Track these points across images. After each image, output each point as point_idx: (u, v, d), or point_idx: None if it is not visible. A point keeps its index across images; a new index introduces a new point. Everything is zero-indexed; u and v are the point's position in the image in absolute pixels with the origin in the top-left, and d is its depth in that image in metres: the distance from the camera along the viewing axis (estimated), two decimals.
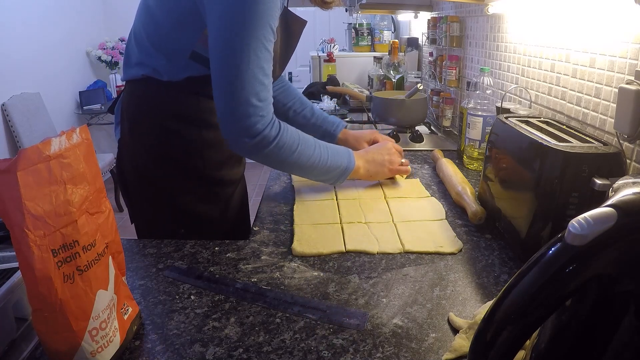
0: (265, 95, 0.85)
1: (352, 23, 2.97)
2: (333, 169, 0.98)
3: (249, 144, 0.86)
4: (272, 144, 0.87)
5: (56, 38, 3.70)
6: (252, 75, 0.82)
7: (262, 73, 0.83)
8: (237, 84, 0.82)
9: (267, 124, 0.85)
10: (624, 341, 0.38)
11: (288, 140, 0.89)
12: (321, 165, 0.95)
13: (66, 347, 0.52)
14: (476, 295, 0.70)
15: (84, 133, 0.55)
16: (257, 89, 0.83)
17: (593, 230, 0.37)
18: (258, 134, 0.85)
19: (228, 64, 0.82)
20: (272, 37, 0.84)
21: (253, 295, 0.70)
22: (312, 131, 1.24)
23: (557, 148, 0.72)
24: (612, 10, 0.89)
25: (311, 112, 1.26)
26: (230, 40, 0.81)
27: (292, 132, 0.91)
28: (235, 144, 0.87)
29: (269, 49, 0.84)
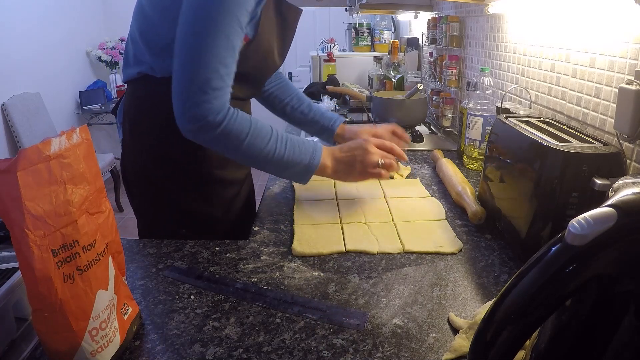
0: (219, 84, 0.83)
1: (352, 23, 2.97)
2: (292, 165, 0.90)
3: (192, 127, 0.84)
4: (215, 130, 0.84)
5: (56, 38, 3.70)
6: (205, 62, 0.81)
7: (217, 60, 0.82)
8: (191, 68, 0.82)
9: (212, 111, 0.83)
10: (624, 341, 0.38)
11: (235, 129, 0.85)
12: (276, 159, 0.89)
13: (66, 347, 0.52)
14: (476, 295, 0.70)
15: (84, 133, 0.55)
16: (210, 76, 0.82)
17: (593, 230, 0.37)
18: (202, 118, 0.83)
19: (184, 48, 0.82)
20: (238, 28, 0.83)
21: (253, 295, 0.70)
22: (309, 127, 1.24)
23: (557, 148, 0.72)
24: (612, 10, 0.89)
25: (308, 108, 1.24)
26: (191, 25, 0.82)
27: (244, 120, 0.86)
28: (181, 127, 0.86)
29: (231, 38, 0.82)
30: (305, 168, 0.92)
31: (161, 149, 0.97)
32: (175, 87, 0.84)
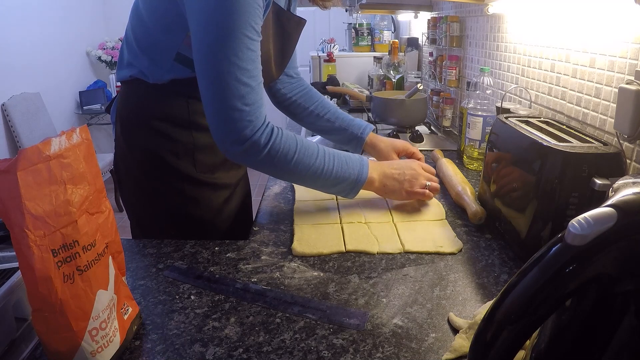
0: (253, 98, 0.81)
1: (352, 23, 2.97)
2: (341, 181, 0.90)
3: (238, 150, 0.82)
4: (264, 151, 0.82)
5: (56, 38, 3.70)
6: (234, 78, 0.79)
7: (246, 75, 0.79)
8: (220, 88, 0.79)
9: (256, 129, 0.81)
10: (624, 341, 0.38)
11: (283, 147, 0.83)
12: (325, 176, 0.88)
13: (66, 347, 0.52)
14: (476, 295, 0.70)
15: (84, 133, 0.55)
16: (242, 92, 0.79)
17: (593, 230, 0.37)
18: (247, 139, 0.81)
19: (209, 67, 0.80)
20: (256, 36, 0.81)
21: (253, 295, 0.70)
22: (337, 135, 1.19)
23: (557, 148, 0.72)
24: (612, 10, 0.89)
25: (335, 115, 1.19)
26: (209, 43, 0.79)
27: (289, 138, 0.85)
28: (226, 151, 0.84)
29: (253, 49, 0.80)
30: (354, 182, 0.92)
31: (151, 151, 0.97)
32: (209, 111, 0.82)
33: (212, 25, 0.78)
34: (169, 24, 0.87)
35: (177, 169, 0.97)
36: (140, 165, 0.98)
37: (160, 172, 0.97)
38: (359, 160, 0.93)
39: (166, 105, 0.94)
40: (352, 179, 0.91)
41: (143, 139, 0.96)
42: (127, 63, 0.96)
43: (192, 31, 0.81)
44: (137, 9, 0.94)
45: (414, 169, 0.99)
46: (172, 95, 0.93)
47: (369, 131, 1.17)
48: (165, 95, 0.94)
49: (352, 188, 0.92)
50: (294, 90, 1.22)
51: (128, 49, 0.96)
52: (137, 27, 0.93)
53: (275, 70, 1.02)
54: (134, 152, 0.98)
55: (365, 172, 0.93)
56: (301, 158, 0.85)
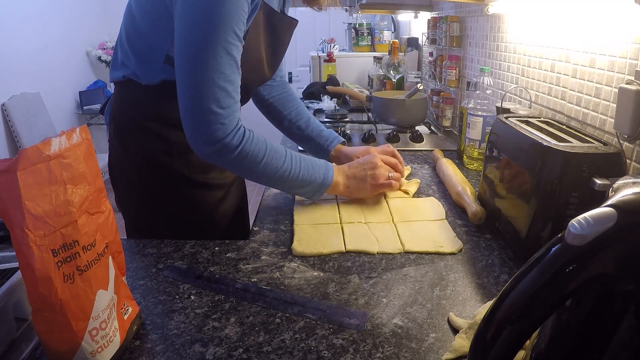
0: (228, 102, 0.83)
1: (352, 23, 2.97)
2: (307, 183, 0.93)
3: (209, 150, 0.84)
4: (234, 152, 0.84)
5: (56, 38, 3.70)
6: (211, 82, 0.80)
7: (222, 79, 0.81)
8: (196, 90, 0.81)
9: (228, 132, 0.83)
10: (624, 341, 0.38)
11: (253, 150, 0.86)
12: (292, 179, 0.91)
13: (66, 347, 0.52)
14: (476, 295, 0.70)
15: (84, 133, 0.55)
16: (218, 96, 0.81)
17: (593, 230, 0.37)
18: (218, 141, 0.83)
19: (188, 69, 0.81)
20: (237, 42, 0.82)
21: (253, 295, 0.70)
22: (305, 143, 1.22)
23: (557, 148, 0.72)
24: (612, 10, 0.89)
25: (306, 124, 1.22)
26: (190, 45, 0.80)
27: (259, 142, 0.87)
28: (198, 150, 0.85)
29: (232, 53, 0.82)
30: (319, 186, 0.95)
31: (143, 152, 0.97)
32: (185, 111, 0.83)
33: (194, 28, 0.80)
34: (159, 26, 0.88)
35: (170, 169, 0.97)
36: (134, 165, 0.98)
37: (154, 172, 0.98)
38: (324, 165, 0.97)
39: (159, 105, 0.95)
40: (318, 182, 0.95)
41: (136, 139, 0.97)
42: (121, 64, 0.96)
43: (175, 32, 0.82)
44: (130, 10, 0.94)
45: (373, 162, 1.01)
46: (164, 96, 0.92)
47: (336, 144, 1.20)
48: (158, 96, 0.94)
49: (317, 191, 0.96)
50: (272, 93, 1.23)
51: (121, 50, 0.96)
52: (130, 28, 0.93)
53: (268, 70, 1.03)
54: (128, 153, 0.99)
55: (330, 176, 0.96)
56: (269, 161, 0.88)
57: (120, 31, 0.97)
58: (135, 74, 0.93)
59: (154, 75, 0.92)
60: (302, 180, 0.92)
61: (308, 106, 2.29)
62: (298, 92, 2.78)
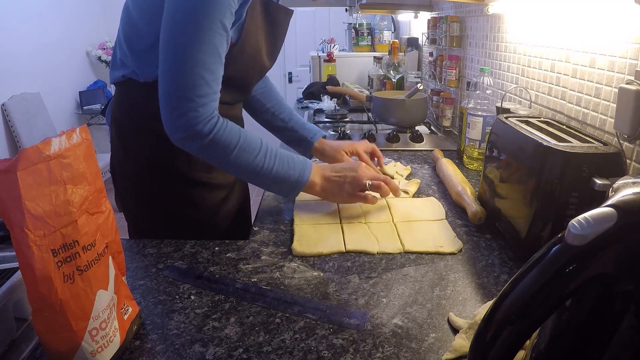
0: (205, 91, 0.82)
1: (352, 23, 2.97)
2: (281, 180, 0.90)
3: (181, 136, 0.84)
4: (205, 139, 0.83)
5: (56, 38, 3.70)
6: (189, 68, 0.80)
7: (202, 67, 0.81)
8: (175, 76, 0.81)
9: (201, 119, 0.82)
10: (624, 341, 0.38)
11: (225, 139, 0.84)
12: (265, 173, 0.88)
13: (66, 347, 0.52)
14: (476, 295, 0.70)
15: (84, 133, 0.55)
16: (196, 83, 0.81)
17: (593, 230, 0.37)
18: (190, 128, 0.82)
19: (169, 54, 0.81)
20: (222, 31, 0.82)
21: (253, 295, 0.70)
22: (289, 136, 1.22)
23: (557, 148, 0.72)
24: (612, 10, 0.89)
25: (289, 117, 1.22)
26: (174, 30, 0.81)
27: (232, 131, 0.86)
28: (170, 135, 0.85)
29: (216, 43, 0.81)
30: (294, 184, 0.91)
31: (145, 152, 0.97)
32: (161, 95, 0.84)
33: (180, 13, 0.80)
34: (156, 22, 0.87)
35: (172, 168, 0.97)
36: (136, 166, 0.98)
37: (156, 172, 0.97)
38: (302, 162, 0.92)
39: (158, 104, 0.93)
40: (293, 180, 0.90)
41: (137, 140, 0.97)
42: (120, 63, 0.97)
43: (163, 18, 0.82)
44: (127, 9, 0.94)
45: (355, 170, 0.95)
46: None
47: (319, 137, 1.19)
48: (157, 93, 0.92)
49: (292, 189, 0.92)
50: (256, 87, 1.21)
51: (120, 49, 0.96)
52: (127, 26, 0.94)
53: (268, 61, 1.02)
54: (129, 153, 0.99)
55: (307, 175, 0.92)
56: (242, 152, 0.86)
57: (119, 31, 0.97)
58: (135, 72, 0.93)
59: (152, 71, 0.91)
60: (277, 176, 0.89)
61: (308, 106, 2.30)
62: (298, 92, 2.78)
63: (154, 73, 0.90)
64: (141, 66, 0.92)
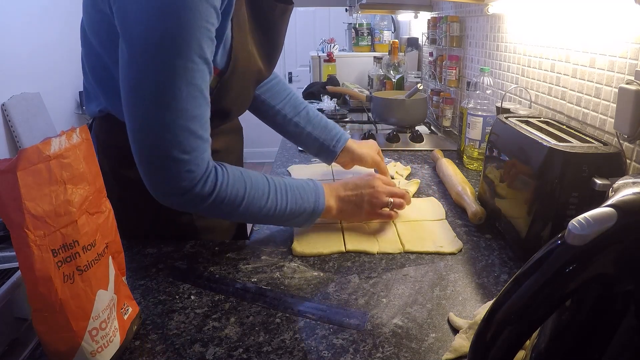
0: (194, 144, 0.67)
1: (352, 23, 2.97)
2: (296, 215, 0.81)
3: (177, 201, 0.71)
4: (207, 201, 0.71)
5: (56, 38, 3.70)
6: (169, 124, 0.64)
7: (184, 117, 0.65)
8: (152, 136, 0.65)
9: (197, 180, 0.69)
10: (624, 341, 0.38)
11: (230, 194, 0.72)
12: (279, 214, 0.79)
13: (66, 347, 0.52)
14: (476, 295, 0.70)
15: (84, 133, 0.55)
16: (180, 139, 0.65)
17: (593, 230, 0.37)
18: (186, 192, 0.69)
19: (136, 110, 0.65)
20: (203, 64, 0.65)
21: (253, 295, 0.70)
22: (306, 143, 1.07)
23: (557, 148, 0.72)
24: (612, 10, 0.89)
25: (306, 119, 1.04)
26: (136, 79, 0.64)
27: (236, 181, 0.73)
28: (163, 202, 0.72)
29: (196, 82, 0.65)
30: (310, 215, 0.83)
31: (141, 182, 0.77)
32: (140, 161, 0.68)
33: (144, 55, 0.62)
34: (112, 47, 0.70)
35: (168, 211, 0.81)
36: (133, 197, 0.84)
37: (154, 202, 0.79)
38: (313, 189, 0.83)
39: None
40: (308, 212, 0.82)
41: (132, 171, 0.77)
42: (93, 96, 0.82)
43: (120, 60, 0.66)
44: (84, 33, 0.78)
45: (372, 186, 0.88)
46: None
47: (343, 143, 1.05)
48: None
49: (308, 219, 0.84)
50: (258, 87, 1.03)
51: (87, 81, 0.82)
52: (89, 53, 0.78)
53: (266, 67, 0.88)
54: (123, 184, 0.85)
55: (322, 202, 0.83)
56: (250, 201, 0.75)
57: (82, 58, 0.82)
58: (107, 109, 0.79)
59: None
60: (291, 213, 0.80)
61: None
62: (298, 92, 2.78)
63: None
64: (115, 105, 0.77)
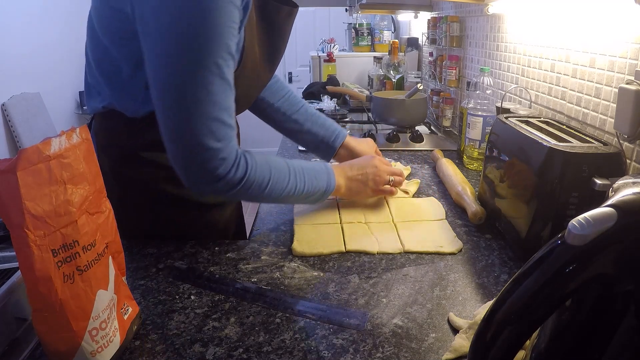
0: (225, 132, 0.71)
1: (352, 23, 2.97)
2: (311, 194, 0.88)
3: (209, 189, 0.75)
4: (238, 186, 0.75)
5: (56, 38, 3.70)
6: (204, 115, 0.69)
7: (216, 108, 0.69)
8: (186, 126, 0.69)
9: (229, 167, 0.73)
10: (624, 341, 0.38)
11: (257, 179, 0.78)
12: (297, 194, 0.85)
13: (66, 347, 0.52)
14: (476, 295, 0.70)
15: (84, 133, 0.55)
16: (213, 128, 0.70)
17: (593, 230, 0.37)
18: (220, 179, 0.73)
19: (171, 104, 0.69)
20: (231, 61, 0.70)
21: (253, 295, 0.70)
22: (305, 140, 1.10)
23: (557, 148, 0.72)
24: (612, 10, 0.89)
25: (305, 116, 1.08)
26: (171, 76, 0.67)
27: (262, 167, 0.79)
28: (196, 190, 0.76)
29: (226, 76, 0.70)
30: (323, 193, 0.90)
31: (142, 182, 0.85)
32: (173, 151, 0.72)
33: (175, 54, 0.67)
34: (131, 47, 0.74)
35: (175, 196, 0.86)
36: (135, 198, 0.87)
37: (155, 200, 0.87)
38: (325, 170, 0.91)
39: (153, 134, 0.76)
40: (322, 191, 0.90)
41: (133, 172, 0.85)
42: (95, 92, 0.83)
43: (147, 58, 0.70)
44: (92, 27, 0.79)
45: (375, 166, 0.98)
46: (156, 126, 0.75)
47: (342, 139, 1.09)
48: (149, 126, 0.78)
49: (321, 197, 0.91)
50: None
51: (91, 76, 0.83)
52: (96, 49, 0.79)
53: (267, 72, 0.91)
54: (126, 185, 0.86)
55: (333, 181, 0.91)
56: (274, 185, 0.81)
57: (86, 51, 0.83)
58: (115, 105, 0.80)
59: (137, 107, 0.79)
60: (307, 193, 0.87)
61: None
62: (298, 92, 2.78)
63: (141, 109, 0.79)
64: (122, 100, 0.80)
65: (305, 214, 0.98)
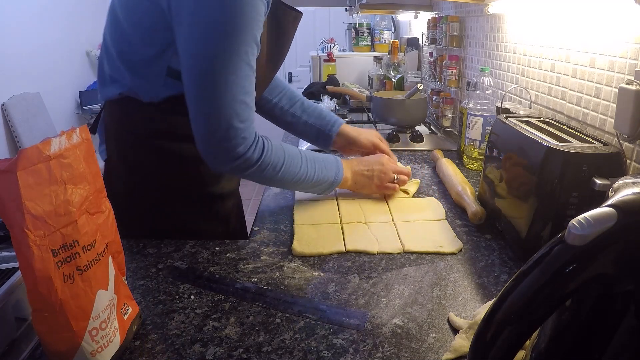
0: (247, 114, 0.79)
1: (352, 23, 2.97)
2: (320, 183, 0.95)
3: (229, 166, 0.81)
4: (255, 166, 0.82)
5: (56, 38, 3.70)
6: (231, 97, 0.76)
7: (242, 92, 0.77)
8: (215, 106, 0.76)
9: (249, 146, 0.80)
10: (624, 341, 0.38)
11: (272, 161, 0.84)
12: (307, 181, 0.92)
13: (66, 347, 0.52)
14: (476, 295, 0.70)
15: (84, 133, 0.55)
16: (238, 110, 0.77)
17: (593, 230, 0.37)
18: (239, 157, 0.80)
19: (204, 85, 0.76)
20: (256, 50, 0.78)
21: (253, 295, 0.70)
22: (304, 131, 1.15)
23: (557, 148, 0.72)
24: (612, 10, 0.89)
25: (301, 109, 1.14)
26: (204, 61, 0.75)
27: (277, 150, 0.86)
28: (215, 166, 0.83)
29: (252, 64, 0.78)
30: (331, 184, 0.97)
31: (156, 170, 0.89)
32: (201, 129, 0.79)
33: (210, 42, 0.74)
34: (155, 37, 0.80)
35: (184, 186, 0.91)
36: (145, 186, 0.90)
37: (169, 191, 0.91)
38: (335, 162, 0.98)
39: (167, 122, 0.86)
40: (330, 181, 0.96)
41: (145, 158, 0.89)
42: (111, 79, 0.87)
43: (182, 46, 0.77)
44: (115, 20, 0.84)
45: (382, 164, 1.04)
46: (172, 112, 0.85)
47: (338, 127, 1.14)
48: (165, 113, 0.86)
49: (329, 188, 0.98)
50: None
51: (109, 63, 0.87)
52: (119, 40, 0.84)
53: (271, 71, 0.96)
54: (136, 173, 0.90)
55: (341, 173, 0.98)
56: (287, 168, 0.88)
57: (105, 40, 0.88)
58: (134, 90, 0.85)
59: (157, 92, 0.84)
60: (317, 181, 0.94)
61: None
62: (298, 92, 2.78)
63: (160, 93, 0.84)
64: (142, 84, 0.84)
65: (305, 214, 0.98)
